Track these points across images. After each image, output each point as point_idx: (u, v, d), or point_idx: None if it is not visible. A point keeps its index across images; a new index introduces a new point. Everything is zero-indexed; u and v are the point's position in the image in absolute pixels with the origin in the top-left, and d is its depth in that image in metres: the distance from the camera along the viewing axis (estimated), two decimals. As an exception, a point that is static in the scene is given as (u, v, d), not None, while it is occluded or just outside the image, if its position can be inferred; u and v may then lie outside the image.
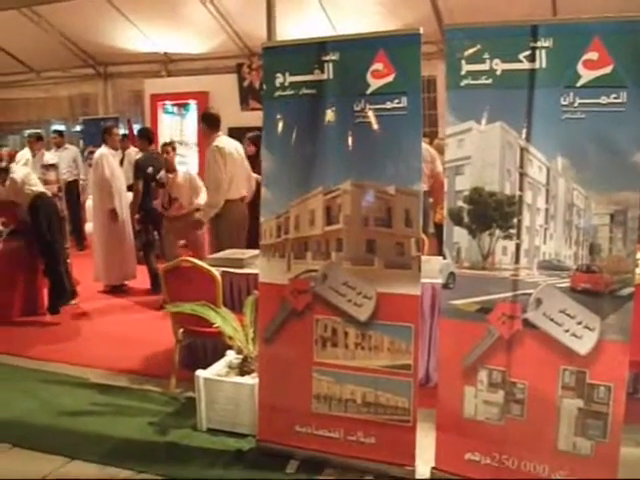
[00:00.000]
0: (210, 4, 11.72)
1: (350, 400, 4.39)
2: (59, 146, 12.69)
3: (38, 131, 13.49)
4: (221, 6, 11.84)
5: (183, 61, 13.76)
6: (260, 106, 11.83)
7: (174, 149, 8.68)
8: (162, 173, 8.64)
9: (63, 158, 12.13)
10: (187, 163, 13.13)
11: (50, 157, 11.84)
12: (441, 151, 8.39)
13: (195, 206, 8.37)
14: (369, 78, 4.18)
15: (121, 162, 10.36)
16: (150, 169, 8.98)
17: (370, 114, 4.19)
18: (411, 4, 10.51)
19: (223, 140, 7.69)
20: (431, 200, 8.88)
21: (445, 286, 4.14)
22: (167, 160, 8.53)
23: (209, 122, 7.59)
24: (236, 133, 8.98)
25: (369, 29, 10.24)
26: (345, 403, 4.41)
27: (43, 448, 4.95)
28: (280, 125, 4.50)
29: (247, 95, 12.48)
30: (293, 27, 10.08)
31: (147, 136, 9.54)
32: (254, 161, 8.09)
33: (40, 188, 8.42)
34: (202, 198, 8.14)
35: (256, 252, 6.06)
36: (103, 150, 9.42)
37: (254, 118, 9.72)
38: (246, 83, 12.54)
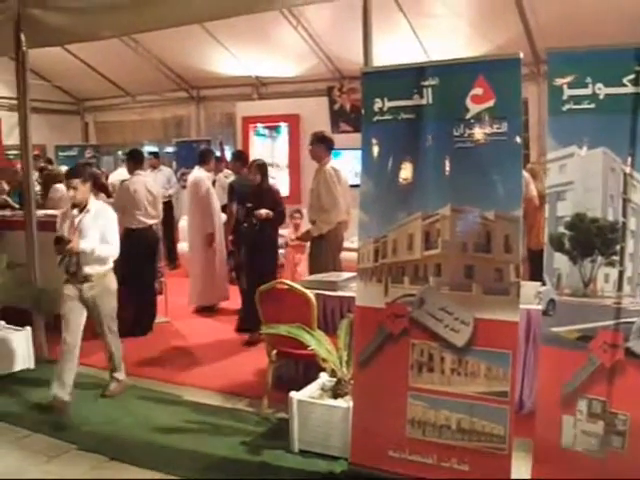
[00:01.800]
0: (301, 28, 11.84)
1: (445, 426, 4.35)
2: (154, 167, 12.99)
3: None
4: (312, 30, 11.95)
5: (274, 84, 13.92)
6: (350, 129, 11.96)
7: (84, 181, 6.11)
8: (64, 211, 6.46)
9: (158, 179, 12.39)
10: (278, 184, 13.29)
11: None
12: (534, 175, 8.28)
13: (103, 271, 6.26)
14: (469, 103, 4.18)
15: (213, 184, 10.51)
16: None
17: (474, 137, 4.19)
18: (502, 26, 10.40)
19: (335, 163, 7.86)
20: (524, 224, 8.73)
21: (545, 313, 4.08)
22: (70, 189, 6.11)
23: (326, 144, 7.74)
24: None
25: (460, 51, 10.27)
26: (440, 429, 4.37)
27: (139, 462, 5.08)
28: (379, 149, 4.54)
29: (338, 118, 12.51)
30: (385, 51, 10.07)
31: (241, 159, 9.67)
32: (259, 190, 8.11)
33: (141, 222, 8.55)
34: (111, 251, 6.22)
35: (350, 275, 6.11)
36: (201, 172, 9.59)
37: (345, 141, 9.79)
38: (337, 106, 12.58)
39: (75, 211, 6.16)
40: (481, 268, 4.19)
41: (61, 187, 10.50)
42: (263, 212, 7.93)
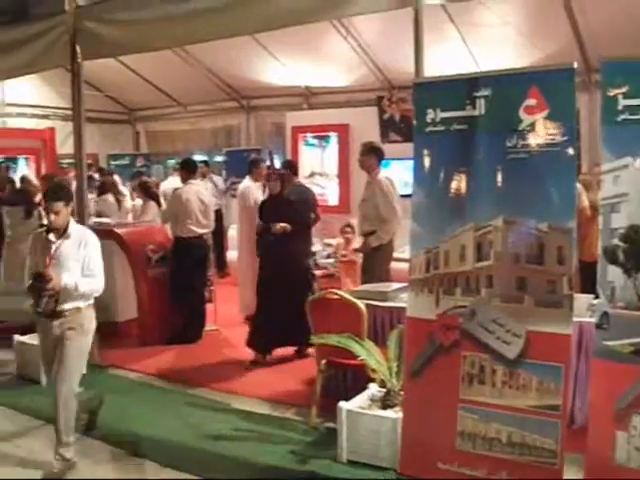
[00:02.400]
0: (351, 38, 11.86)
1: (495, 439, 4.32)
2: (204, 176, 13.10)
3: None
4: (362, 40, 11.96)
5: (324, 94, 13.92)
6: (400, 139, 11.90)
7: (67, 204, 5.11)
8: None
9: (208, 188, 12.50)
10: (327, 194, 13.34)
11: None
12: (587, 186, 8.18)
13: (80, 306, 5.17)
14: (522, 114, 4.16)
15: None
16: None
17: (527, 148, 4.16)
18: (552, 34, 10.28)
19: (386, 173, 7.85)
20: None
21: (598, 326, 4.03)
22: (51, 214, 5.06)
23: (377, 155, 7.72)
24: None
25: (510, 60, 10.21)
26: (490, 442, 4.34)
27: (188, 469, 5.13)
28: (431, 160, 4.53)
29: (387, 128, 12.45)
30: (435, 60, 10.05)
31: (291, 168, 9.71)
32: (276, 202, 7.85)
33: (192, 231, 8.60)
34: (95, 286, 5.20)
35: (400, 285, 6.10)
36: (248, 182, 9.66)
37: (394, 151, 9.76)
38: (386, 116, 12.53)
39: (52, 236, 5.14)
40: (533, 280, 4.16)
41: (107, 198, 10.68)
42: (279, 226, 7.56)
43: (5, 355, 7.44)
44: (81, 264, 5.12)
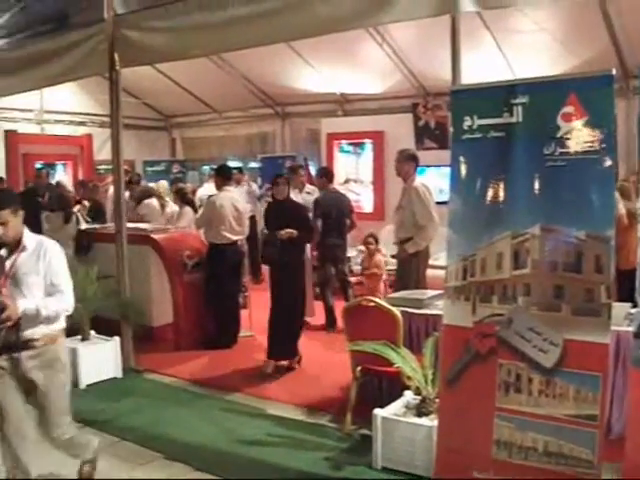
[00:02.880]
0: (386, 45, 11.88)
1: (532, 448, 4.27)
2: (238, 183, 13.16)
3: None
4: (397, 47, 11.96)
5: (359, 101, 13.94)
6: (435, 145, 11.90)
7: (15, 211, 4.31)
8: None
9: (242, 194, 12.57)
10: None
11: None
12: (624, 193, 8.10)
13: (52, 332, 4.45)
14: (559, 121, 4.12)
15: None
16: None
17: (565, 156, 4.13)
18: (589, 40, 10.20)
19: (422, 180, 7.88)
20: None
21: (636, 335, 3.99)
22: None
23: (415, 162, 7.75)
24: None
25: (546, 67, 10.15)
26: (526, 451, 4.29)
27: (222, 473, 5.19)
28: (467, 167, 4.51)
29: (422, 135, 12.47)
30: (470, 67, 9.99)
31: (327, 175, 9.76)
32: (281, 207, 7.81)
33: (225, 237, 8.65)
34: (63, 304, 4.39)
35: (435, 293, 6.10)
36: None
37: (429, 158, 9.75)
38: (421, 123, 12.55)
39: (3, 251, 4.36)
40: (571, 288, 4.11)
41: (150, 202, 10.76)
42: (284, 233, 7.52)
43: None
44: (44, 278, 4.37)
